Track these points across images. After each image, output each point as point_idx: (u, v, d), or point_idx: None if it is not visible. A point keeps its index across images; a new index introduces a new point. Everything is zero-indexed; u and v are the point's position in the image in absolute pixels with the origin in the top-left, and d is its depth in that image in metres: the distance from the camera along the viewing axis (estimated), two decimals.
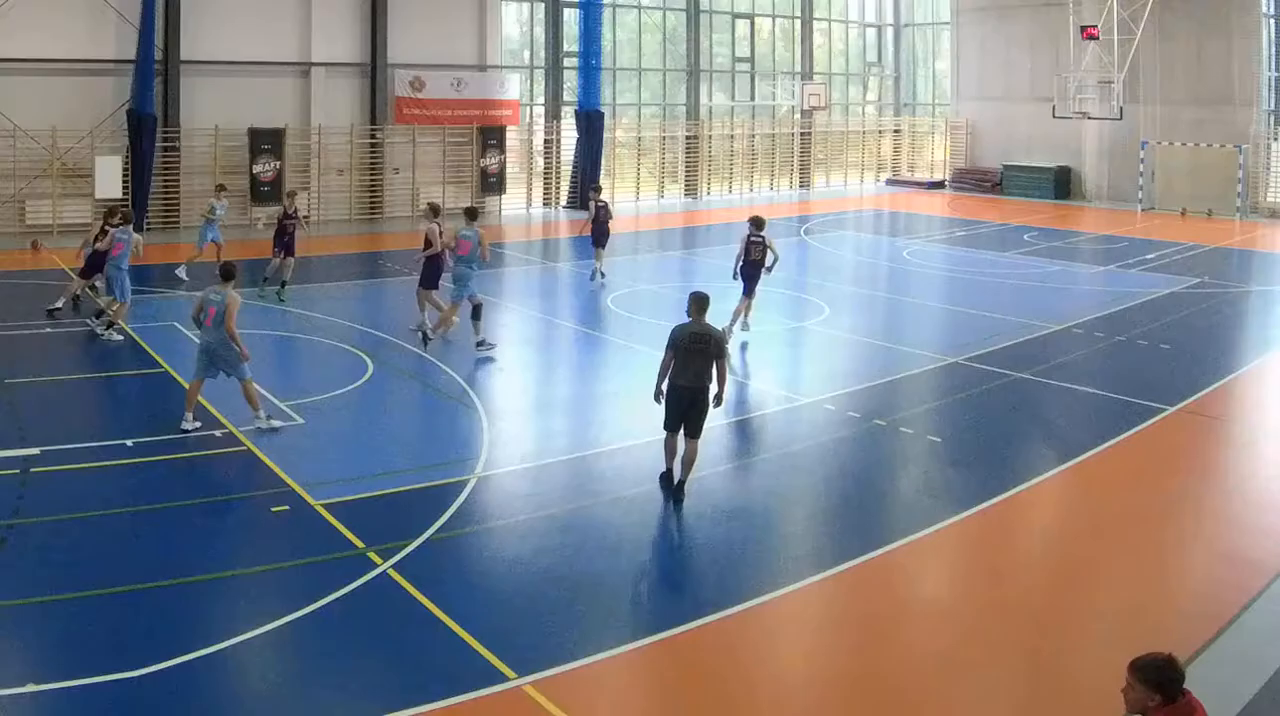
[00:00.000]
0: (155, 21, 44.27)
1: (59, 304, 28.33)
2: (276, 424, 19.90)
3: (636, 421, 20.65)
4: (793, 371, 21.39)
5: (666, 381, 17.10)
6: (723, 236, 45.68)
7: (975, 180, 66.19)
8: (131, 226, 27.91)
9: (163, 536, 15.44)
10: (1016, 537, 16.86)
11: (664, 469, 17.41)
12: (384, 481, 17.43)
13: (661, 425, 17.38)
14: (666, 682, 12.22)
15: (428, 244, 26.48)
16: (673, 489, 17.09)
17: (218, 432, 19.46)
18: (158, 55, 44.92)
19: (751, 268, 27.27)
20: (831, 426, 20.68)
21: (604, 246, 36.08)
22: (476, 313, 25.62)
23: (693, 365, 16.83)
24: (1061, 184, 63.09)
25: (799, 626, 13.72)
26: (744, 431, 20.93)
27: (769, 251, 27.29)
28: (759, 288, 27.57)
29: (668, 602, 13.99)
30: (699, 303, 17.10)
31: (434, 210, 27.10)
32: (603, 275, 35.57)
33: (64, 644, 12.21)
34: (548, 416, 22.26)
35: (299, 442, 19.26)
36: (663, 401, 17.21)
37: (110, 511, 16.15)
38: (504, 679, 11.68)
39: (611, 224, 36.68)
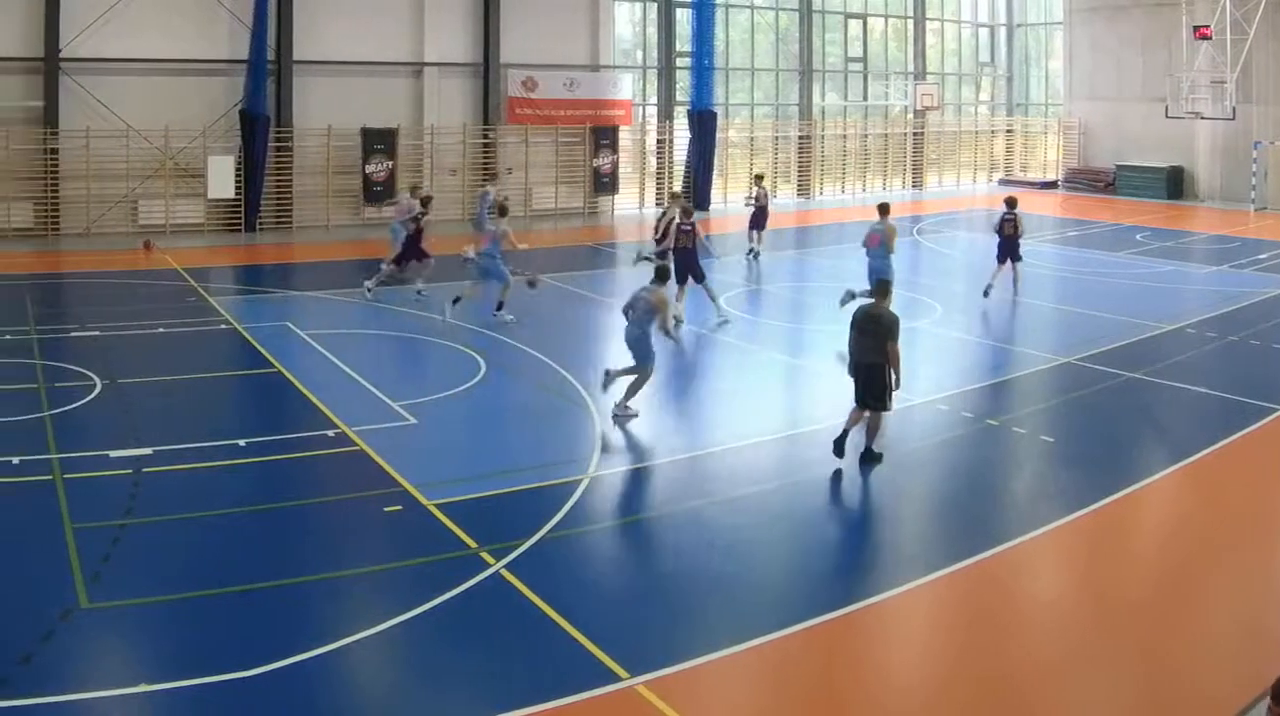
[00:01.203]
0: (268, 21, 44.77)
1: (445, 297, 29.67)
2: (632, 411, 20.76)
3: (749, 422, 20.66)
4: (906, 371, 21.16)
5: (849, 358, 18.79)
6: (835, 236, 45.47)
7: (1088, 180, 65.24)
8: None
9: (275, 536, 15.58)
10: (1130, 538, 16.59)
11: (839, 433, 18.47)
12: (497, 481, 17.39)
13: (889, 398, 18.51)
14: (778, 683, 12.06)
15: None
16: (842, 446, 18.29)
17: (330, 433, 19.53)
18: (270, 55, 45.42)
19: (1008, 243, 31.89)
20: (945, 426, 20.45)
21: (763, 228, 40.48)
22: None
23: (863, 343, 18.32)
24: (1174, 184, 61.91)
25: (911, 627, 13.56)
26: (853, 432, 20.68)
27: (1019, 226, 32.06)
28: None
29: (780, 603, 13.78)
30: (881, 288, 18.94)
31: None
32: (756, 255, 39.62)
33: (176, 644, 12.25)
34: (660, 416, 22.11)
35: (412, 443, 19.28)
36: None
37: (222, 511, 16.25)
38: (616, 679, 11.60)
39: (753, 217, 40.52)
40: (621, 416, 20.72)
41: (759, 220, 40.71)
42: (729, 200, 56.88)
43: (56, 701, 10.92)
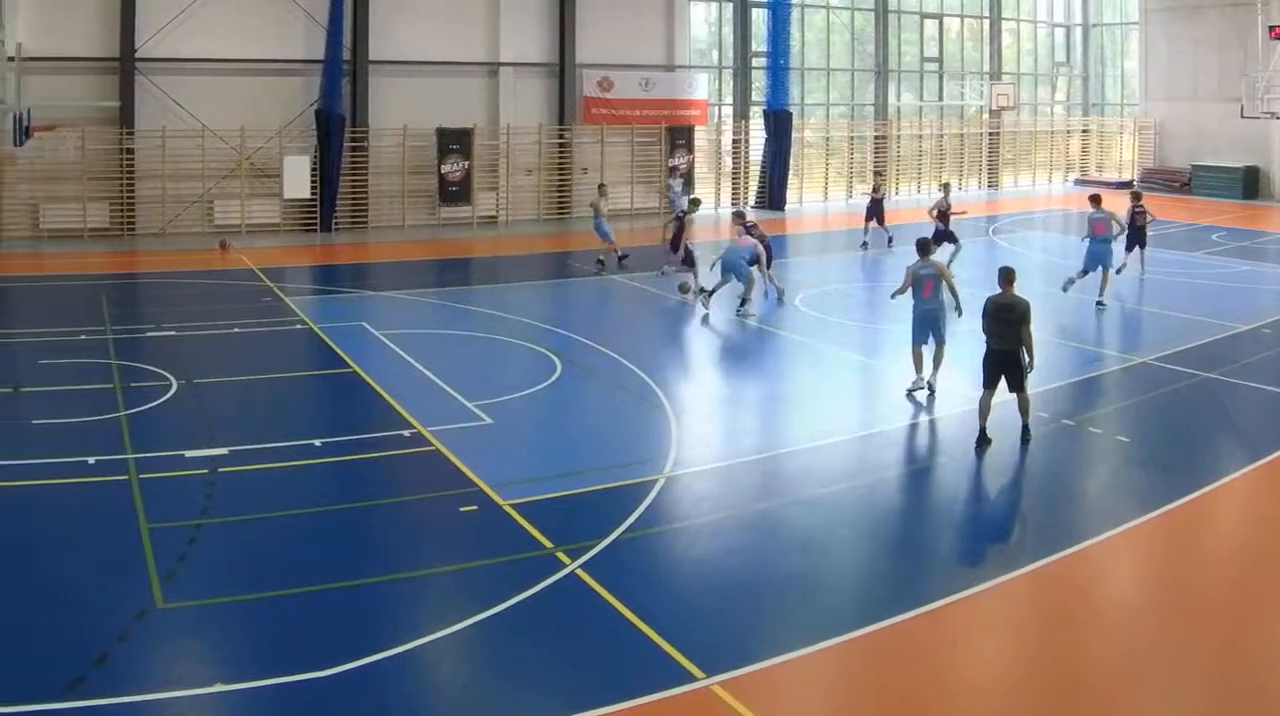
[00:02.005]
0: (344, 22, 45.00)
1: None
2: None
3: (823, 421, 20.67)
4: (977, 373, 21.07)
5: (985, 346, 19.32)
6: (911, 235, 45.20)
7: (1164, 180, 64.61)
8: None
9: (351, 536, 15.58)
10: (1206, 538, 16.48)
11: (979, 427, 19.17)
12: (572, 481, 17.38)
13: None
14: (854, 683, 12.02)
15: None
16: (987, 438, 19.11)
17: (406, 433, 19.56)
18: (346, 55, 45.64)
19: (1138, 232, 34.68)
20: (1020, 426, 20.26)
21: (878, 220, 42.77)
22: None
23: (1000, 331, 19.02)
24: (1250, 184, 61.30)
25: (987, 626, 13.43)
26: (932, 431, 20.67)
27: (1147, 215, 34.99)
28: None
29: (855, 602, 13.72)
30: (1007, 276, 19.59)
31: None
32: (865, 246, 42.15)
33: (252, 644, 12.30)
34: (735, 416, 22.19)
35: (488, 442, 19.28)
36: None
37: (298, 511, 16.33)
38: (692, 679, 11.54)
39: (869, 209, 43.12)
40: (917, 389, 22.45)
41: (876, 213, 42.87)
42: (804, 201, 57.16)
43: (132, 701, 10.96)
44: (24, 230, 41.57)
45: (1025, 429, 19.36)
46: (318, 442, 18.99)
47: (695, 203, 36.89)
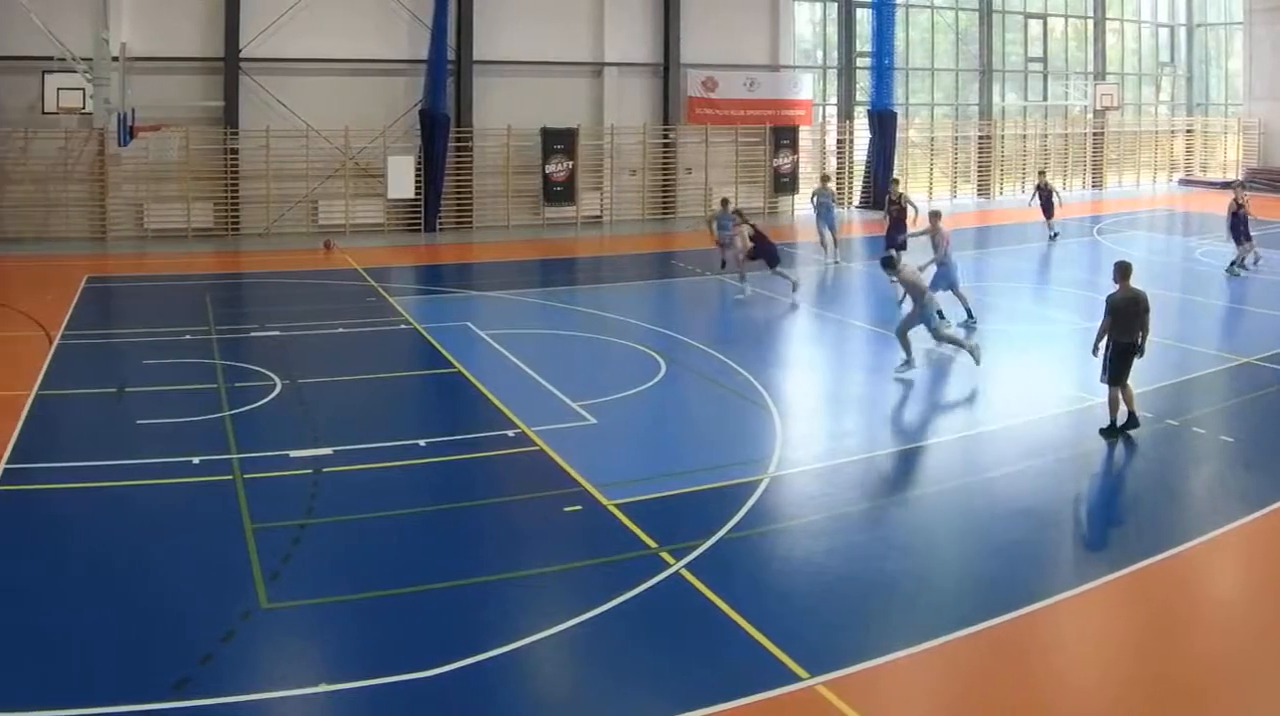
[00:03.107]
0: (448, 21, 45.28)
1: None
2: None
3: (927, 421, 20.84)
4: (1084, 371, 20.86)
5: (1108, 340, 19.41)
6: (1016, 235, 45.05)
7: (1268, 180, 63.47)
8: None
9: (455, 536, 15.64)
10: None
11: (1107, 423, 19.50)
12: (676, 481, 17.32)
13: (1107, 381, 19.35)
14: (958, 683, 11.87)
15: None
16: (1120, 427, 19.44)
17: (510, 433, 19.58)
18: (450, 55, 45.91)
19: (1240, 223, 35.52)
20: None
21: (1052, 216, 44.17)
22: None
23: (1128, 323, 19.27)
24: None
25: (1091, 627, 13.23)
26: (1037, 431, 20.36)
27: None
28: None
29: (959, 602, 13.57)
30: (1125, 270, 19.53)
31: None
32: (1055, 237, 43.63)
33: (356, 644, 12.32)
34: (840, 416, 22.13)
35: (592, 442, 19.27)
36: (1100, 357, 19.57)
37: (402, 511, 16.38)
38: (796, 679, 11.44)
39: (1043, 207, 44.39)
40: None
41: (1048, 209, 43.99)
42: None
43: (237, 701, 10.99)
44: (128, 230, 42.20)
45: (1133, 416, 19.59)
46: (422, 443, 19.05)
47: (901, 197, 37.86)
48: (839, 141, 57.59)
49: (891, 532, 15.71)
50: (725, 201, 36.92)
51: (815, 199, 40.39)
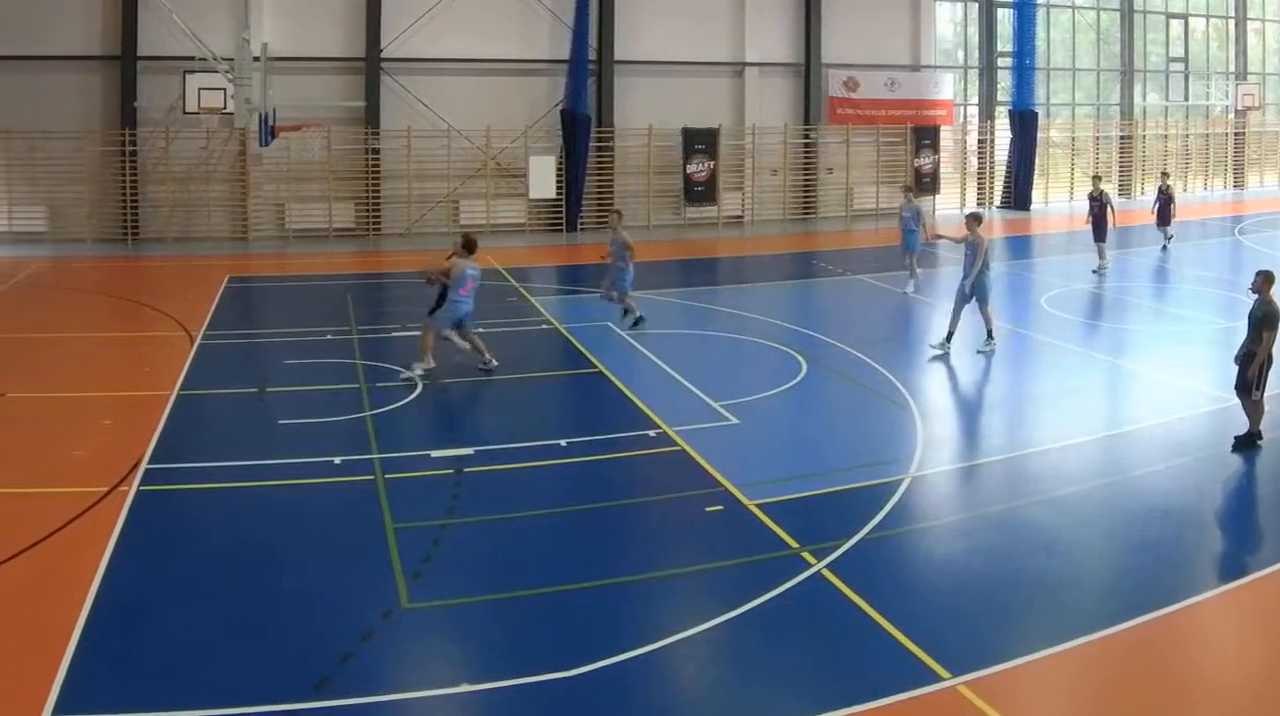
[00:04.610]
0: (589, 21, 45.51)
1: None
2: None
3: (1069, 421, 20.40)
4: (1224, 372, 20.53)
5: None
6: (1155, 236, 44.43)
7: None
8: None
9: (596, 536, 15.67)
10: None
11: (1247, 431, 18.90)
12: (818, 481, 17.28)
13: (1255, 388, 18.63)
14: (1100, 683, 11.72)
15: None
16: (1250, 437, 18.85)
17: (651, 433, 19.59)
18: (591, 55, 46.12)
19: None
20: (1268, 426, 19.58)
21: (1169, 222, 42.21)
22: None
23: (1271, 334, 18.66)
24: None
25: (1233, 627, 13.08)
26: (1178, 431, 20.09)
27: None
28: None
29: (1101, 602, 13.43)
30: (1267, 278, 18.80)
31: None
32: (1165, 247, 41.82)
33: (498, 643, 12.34)
34: (981, 416, 22.11)
35: (733, 442, 19.22)
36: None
37: (543, 512, 16.41)
38: (937, 679, 11.41)
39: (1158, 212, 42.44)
40: None
41: (1165, 214, 42.08)
42: (1049, 201, 57.08)
43: (377, 701, 11.06)
44: (269, 230, 42.85)
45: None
46: (563, 442, 19.09)
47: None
48: (980, 142, 57.62)
49: (1032, 532, 15.58)
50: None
51: (900, 215, 35.12)
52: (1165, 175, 44.44)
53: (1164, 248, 41.25)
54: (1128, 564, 14.68)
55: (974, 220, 25.84)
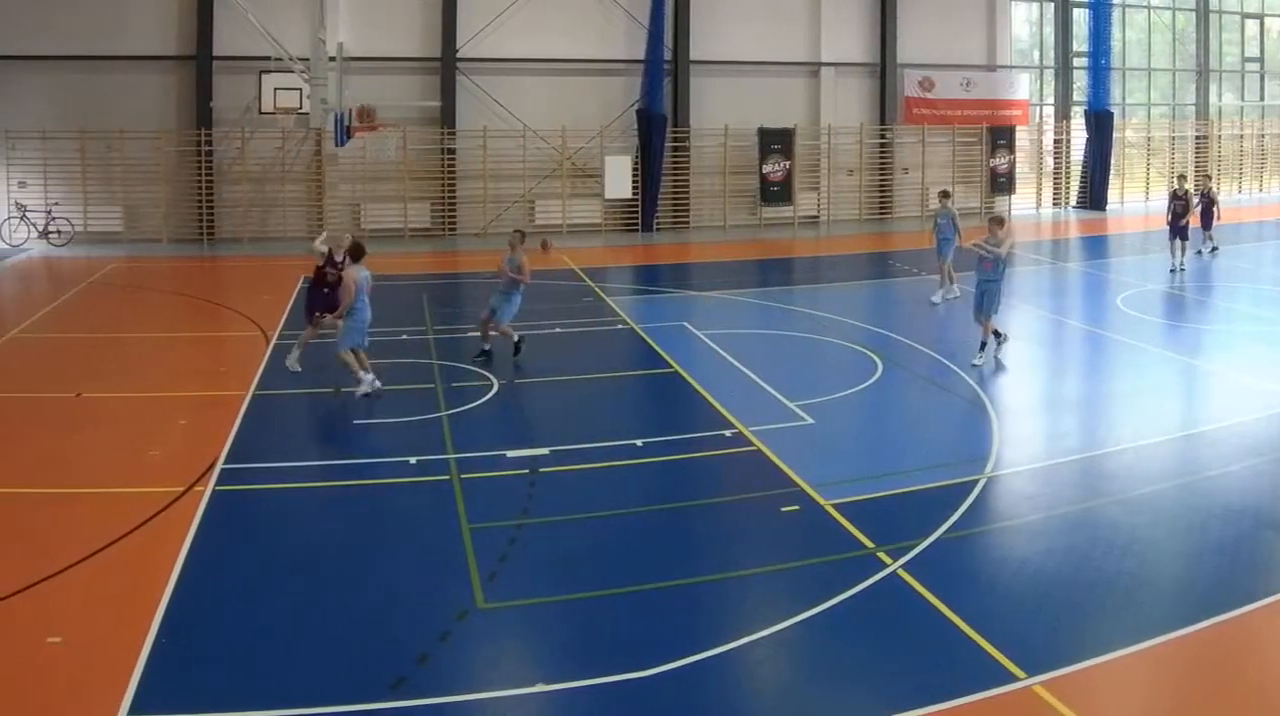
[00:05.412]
0: (665, 22, 45.58)
1: None
2: None
3: (1145, 421, 20.41)
4: None
5: None
6: (1232, 236, 44.11)
7: None
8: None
9: (672, 536, 15.65)
10: None
11: None
12: (893, 481, 17.27)
13: None
14: (1176, 683, 11.71)
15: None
16: None
17: (727, 433, 19.58)
18: (667, 55, 46.19)
19: None
20: None
21: (1210, 227, 40.94)
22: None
23: None
24: None
25: None
26: (1253, 431, 19.92)
27: None
28: None
29: (1177, 602, 13.38)
30: None
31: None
32: (1214, 251, 40.63)
33: (573, 643, 12.36)
34: (1057, 415, 21.96)
35: (809, 442, 19.21)
36: None
37: (619, 512, 16.41)
38: (1013, 679, 11.39)
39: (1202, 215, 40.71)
40: None
41: (1207, 218, 40.80)
42: (1125, 200, 56.91)
43: (453, 701, 11.10)
44: (345, 229, 42.90)
45: None
46: (639, 442, 19.10)
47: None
48: (1056, 142, 57.39)
49: (1109, 532, 15.49)
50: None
51: (935, 221, 33.69)
52: (1207, 178, 44.05)
53: (1212, 251, 40.47)
54: (1204, 564, 14.58)
55: (996, 223, 25.72)
